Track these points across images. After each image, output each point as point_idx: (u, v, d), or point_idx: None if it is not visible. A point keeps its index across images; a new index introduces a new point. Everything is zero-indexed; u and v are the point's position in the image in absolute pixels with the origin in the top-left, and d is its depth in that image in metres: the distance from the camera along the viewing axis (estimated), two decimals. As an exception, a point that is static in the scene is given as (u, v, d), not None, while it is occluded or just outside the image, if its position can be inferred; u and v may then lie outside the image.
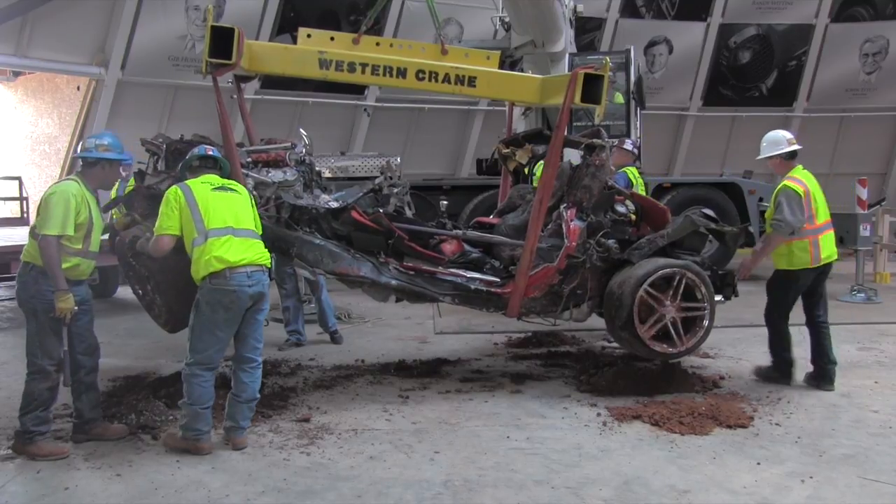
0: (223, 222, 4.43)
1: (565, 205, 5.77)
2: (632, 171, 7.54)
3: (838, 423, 4.91)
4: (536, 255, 5.56)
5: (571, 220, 5.66)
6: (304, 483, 4.03)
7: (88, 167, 4.70)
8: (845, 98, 16.57)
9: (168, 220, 4.45)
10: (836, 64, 16.16)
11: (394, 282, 5.49)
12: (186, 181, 4.60)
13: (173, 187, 4.57)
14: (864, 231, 9.41)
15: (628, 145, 7.87)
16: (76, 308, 4.42)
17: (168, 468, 4.23)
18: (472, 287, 5.60)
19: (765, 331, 6.79)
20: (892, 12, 15.91)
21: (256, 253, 4.50)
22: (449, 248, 5.87)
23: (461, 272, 5.68)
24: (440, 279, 5.61)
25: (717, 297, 5.73)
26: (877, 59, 16.27)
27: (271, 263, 4.65)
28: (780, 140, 5.74)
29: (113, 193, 9.36)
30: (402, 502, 3.83)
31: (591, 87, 5.24)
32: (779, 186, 5.61)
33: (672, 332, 5.44)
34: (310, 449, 4.49)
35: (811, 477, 4.07)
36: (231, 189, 4.64)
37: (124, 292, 9.93)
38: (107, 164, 4.69)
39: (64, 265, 4.40)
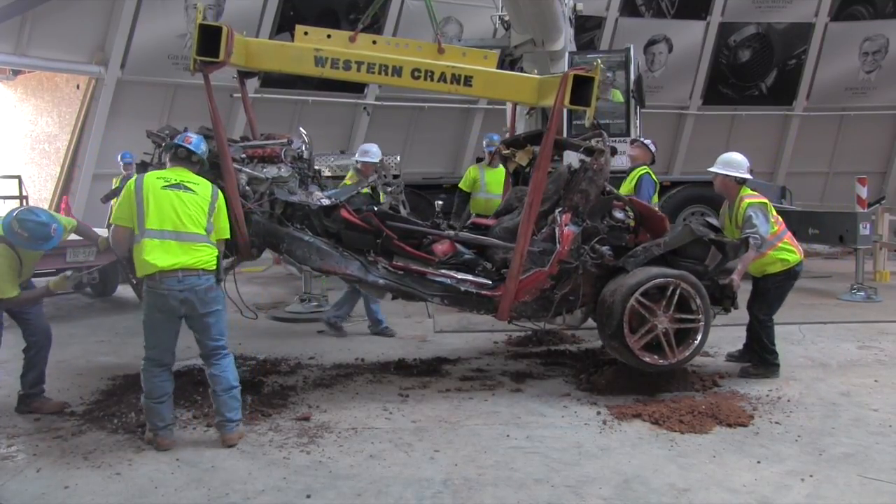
0: (160, 224, 4.39)
1: (560, 209, 5.70)
2: (650, 172, 7.56)
3: (838, 421, 4.91)
4: (528, 260, 5.49)
5: (566, 225, 5.58)
6: (303, 482, 4.03)
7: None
8: (845, 97, 16.58)
9: (120, 211, 4.52)
10: (836, 63, 16.17)
11: (381, 281, 5.48)
12: (146, 174, 4.62)
13: (133, 178, 4.60)
14: (864, 230, 9.40)
15: (651, 144, 7.91)
16: (68, 273, 5.11)
17: (168, 467, 4.23)
18: (462, 289, 5.56)
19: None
20: (891, 11, 15.92)
21: (193, 257, 4.40)
22: (441, 248, 5.81)
23: (451, 273, 5.63)
24: (430, 280, 5.57)
25: (717, 309, 5.64)
26: (876, 57, 16.28)
27: (217, 266, 4.51)
28: (740, 164, 5.92)
29: (115, 184, 9.51)
30: (401, 501, 3.83)
31: (583, 88, 5.20)
32: (743, 205, 5.77)
33: (664, 343, 5.32)
34: (309, 447, 4.49)
35: (811, 475, 4.07)
36: (186, 187, 4.53)
37: (124, 292, 9.94)
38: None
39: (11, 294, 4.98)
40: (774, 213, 5.90)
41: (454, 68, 5.44)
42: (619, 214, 5.82)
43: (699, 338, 5.41)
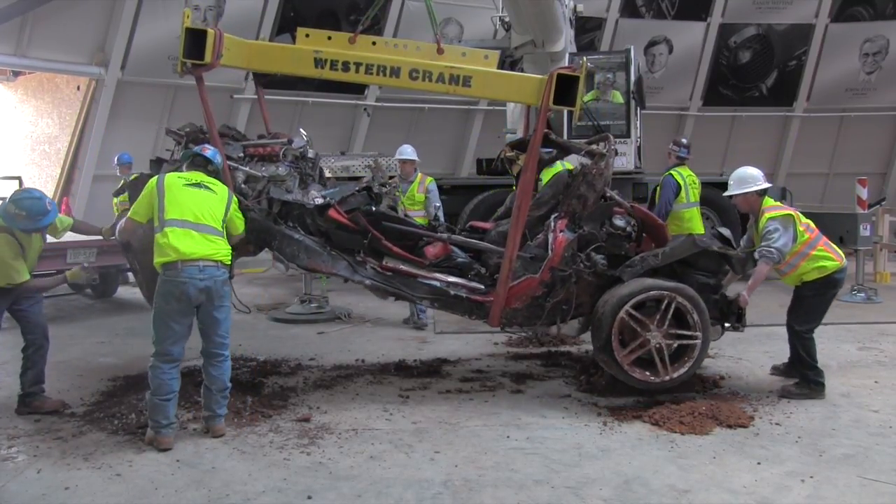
0: (181, 214, 4.61)
1: (557, 214, 5.61)
2: (677, 173, 7.74)
3: (838, 422, 4.91)
4: (521, 266, 5.41)
5: (560, 231, 5.44)
6: (304, 483, 4.04)
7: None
8: (845, 98, 16.56)
9: (137, 207, 4.77)
10: (836, 64, 16.15)
11: (367, 281, 5.51)
12: (168, 174, 4.84)
13: (155, 177, 4.84)
14: (864, 231, 9.40)
15: (673, 146, 8.12)
16: (85, 265, 5.24)
17: (168, 468, 4.23)
18: (452, 292, 5.53)
19: (766, 330, 6.79)
20: (892, 12, 15.90)
21: (212, 249, 4.62)
22: (433, 250, 5.77)
23: (442, 276, 5.60)
24: (419, 282, 5.56)
25: (726, 325, 5.47)
26: (877, 58, 16.26)
27: (231, 261, 4.79)
28: (755, 177, 5.60)
29: (121, 183, 9.67)
30: (402, 502, 3.83)
31: (572, 87, 5.13)
32: (764, 218, 5.44)
33: (656, 359, 5.16)
34: (310, 449, 4.50)
35: (811, 476, 4.07)
36: (206, 187, 4.78)
37: (124, 292, 9.95)
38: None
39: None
40: (804, 220, 5.51)
41: (452, 68, 5.43)
42: (619, 222, 5.59)
43: (696, 355, 5.21)
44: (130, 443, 4.59)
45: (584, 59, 5.44)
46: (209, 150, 4.96)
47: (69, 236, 5.90)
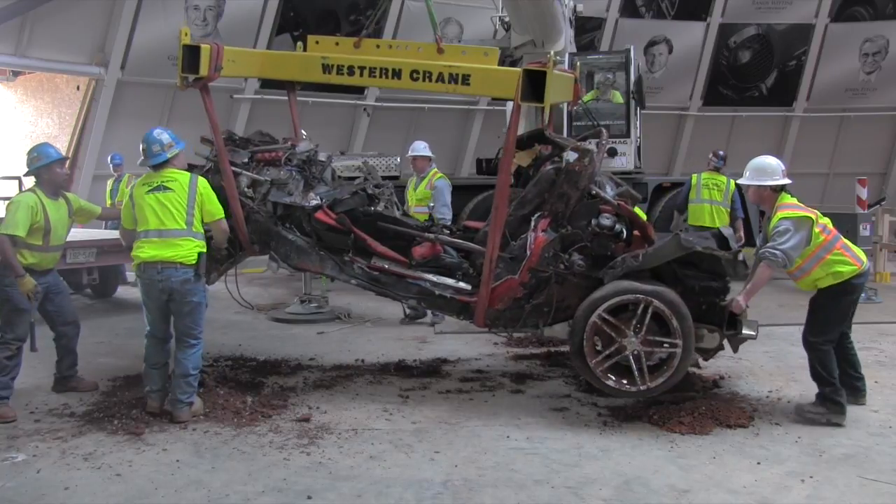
0: (145, 225, 4.97)
1: (539, 213, 5.51)
2: (697, 175, 8.31)
3: (838, 422, 4.91)
4: (503, 267, 5.36)
5: (542, 231, 5.32)
6: (304, 483, 4.04)
7: (38, 178, 5.47)
8: (845, 98, 16.55)
9: (123, 215, 5.21)
10: (836, 64, 16.14)
11: (353, 280, 5.67)
12: (135, 182, 5.16)
13: (129, 187, 5.27)
14: (864, 231, 9.41)
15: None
16: (39, 288, 5.24)
17: (168, 468, 4.23)
18: (437, 293, 5.54)
19: (766, 330, 6.76)
20: (892, 12, 15.88)
21: (172, 251, 4.91)
22: (420, 250, 5.76)
23: (429, 276, 5.61)
24: (407, 282, 5.62)
25: (732, 332, 5.18)
26: (877, 58, 16.25)
27: (197, 261, 4.97)
28: (774, 170, 5.15)
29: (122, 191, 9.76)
30: (402, 502, 3.83)
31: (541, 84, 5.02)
32: (776, 216, 5.01)
33: (633, 367, 4.97)
34: (310, 449, 4.50)
35: (811, 476, 4.07)
36: (165, 187, 4.99)
37: (124, 292, 9.94)
38: (45, 170, 5.43)
39: (29, 260, 5.24)
40: (822, 220, 5.04)
41: (452, 67, 5.43)
42: (605, 221, 5.37)
43: (675, 365, 4.96)
44: (130, 443, 4.59)
45: (552, 52, 5.47)
46: (146, 150, 5.06)
47: (71, 235, 5.92)
